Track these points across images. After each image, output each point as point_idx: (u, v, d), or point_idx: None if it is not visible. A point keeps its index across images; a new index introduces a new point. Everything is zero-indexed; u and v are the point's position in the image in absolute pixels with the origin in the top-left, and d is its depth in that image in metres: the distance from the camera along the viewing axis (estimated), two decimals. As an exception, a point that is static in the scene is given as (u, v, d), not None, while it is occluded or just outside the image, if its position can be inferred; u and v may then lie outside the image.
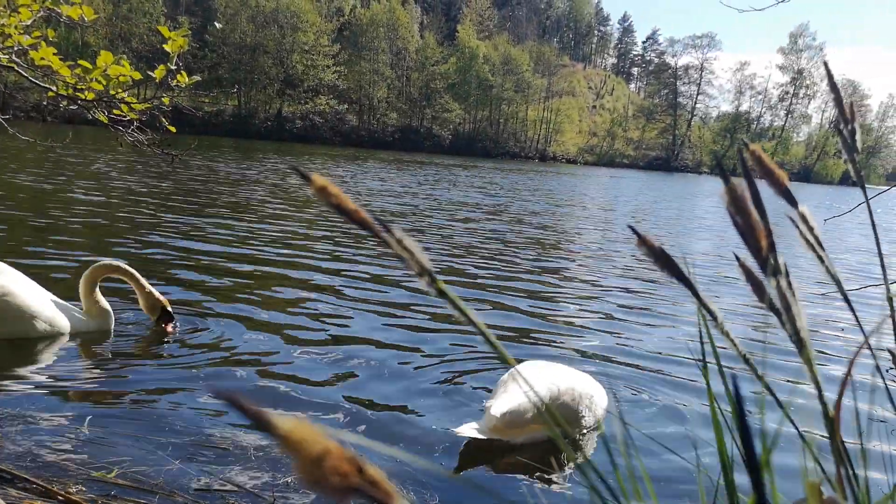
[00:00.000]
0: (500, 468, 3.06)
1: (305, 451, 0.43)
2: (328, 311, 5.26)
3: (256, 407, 0.43)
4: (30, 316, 3.98)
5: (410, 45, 78.17)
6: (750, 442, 0.61)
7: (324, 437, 0.44)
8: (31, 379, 3.54)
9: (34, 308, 4.01)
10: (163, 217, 9.47)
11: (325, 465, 0.43)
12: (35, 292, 4.09)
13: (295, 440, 0.43)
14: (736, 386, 0.63)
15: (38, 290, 4.13)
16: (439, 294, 0.71)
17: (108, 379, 3.63)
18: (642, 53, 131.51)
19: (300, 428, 0.43)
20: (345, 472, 0.43)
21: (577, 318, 5.72)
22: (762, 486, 0.62)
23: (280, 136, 62.59)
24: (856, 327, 5.87)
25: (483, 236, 10.49)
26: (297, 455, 0.43)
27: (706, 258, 10.48)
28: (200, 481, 2.63)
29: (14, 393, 3.32)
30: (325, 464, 0.43)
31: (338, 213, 0.66)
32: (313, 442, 0.43)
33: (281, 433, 0.43)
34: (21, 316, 3.96)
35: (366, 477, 0.45)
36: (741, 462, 0.79)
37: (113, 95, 3.26)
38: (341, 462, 0.44)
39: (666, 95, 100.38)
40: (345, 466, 0.44)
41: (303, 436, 0.43)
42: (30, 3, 3.16)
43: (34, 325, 4.00)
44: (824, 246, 0.87)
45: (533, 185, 27.70)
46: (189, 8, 72.15)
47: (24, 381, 3.50)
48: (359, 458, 0.45)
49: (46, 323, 4.04)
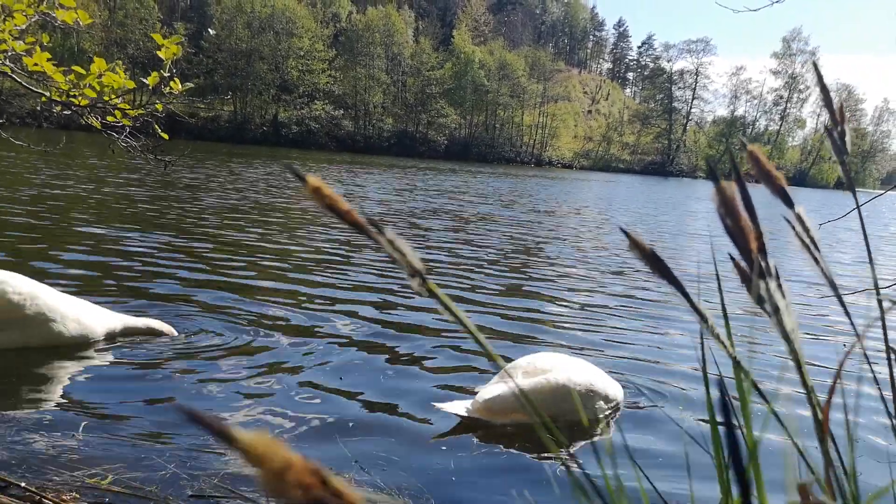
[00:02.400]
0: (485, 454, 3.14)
1: (268, 464, 0.43)
2: (328, 311, 5.25)
3: (217, 421, 0.44)
4: (60, 321, 3.99)
5: (406, 50, 78.29)
6: (734, 439, 0.61)
7: (285, 449, 0.44)
8: (23, 385, 3.53)
9: (63, 313, 4.02)
10: (159, 220, 9.46)
11: (288, 477, 0.43)
12: (62, 299, 4.10)
13: (256, 453, 0.43)
14: (721, 385, 0.63)
15: (64, 296, 4.14)
16: (430, 294, 0.71)
17: (100, 385, 3.62)
18: (637, 58, 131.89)
19: (261, 441, 0.43)
20: (307, 485, 0.44)
21: (570, 320, 5.72)
22: (748, 488, 0.62)
23: (276, 142, 62.59)
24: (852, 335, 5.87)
25: (476, 239, 10.50)
26: (259, 468, 0.43)
27: (701, 260, 10.50)
28: (195, 487, 2.62)
29: (6, 399, 3.31)
30: (287, 476, 0.43)
31: (331, 213, 0.66)
32: (274, 455, 0.43)
33: (241, 446, 0.43)
34: (50, 321, 3.96)
35: (329, 489, 0.45)
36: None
37: (106, 101, 3.26)
38: (304, 474, 0.44)
39: (661, 100, 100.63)
40: (307, 479, 0.44)
41: (264, 449, 0.43)
42: (24, 7, 3.15)
43: (63, 330, 4.01)
44: (823, 249, 0.87)
45: (528, 190, 27.73)
46: (185, 13, 72.33)
47: (16, 387, 3.48)
48: (322, 470, 0.45)
49: (77, 327, 4.06)
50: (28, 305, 3.92)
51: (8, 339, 3.92)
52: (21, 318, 3.92)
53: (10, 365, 3.75)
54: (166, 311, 4.94)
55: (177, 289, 5.70)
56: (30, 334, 3.96)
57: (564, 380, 3.35)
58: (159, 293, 5.50)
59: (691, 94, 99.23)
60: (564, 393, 3.32)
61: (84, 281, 5.64)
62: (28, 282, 4.02)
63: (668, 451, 3.31)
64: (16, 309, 3.89)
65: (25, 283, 3.98)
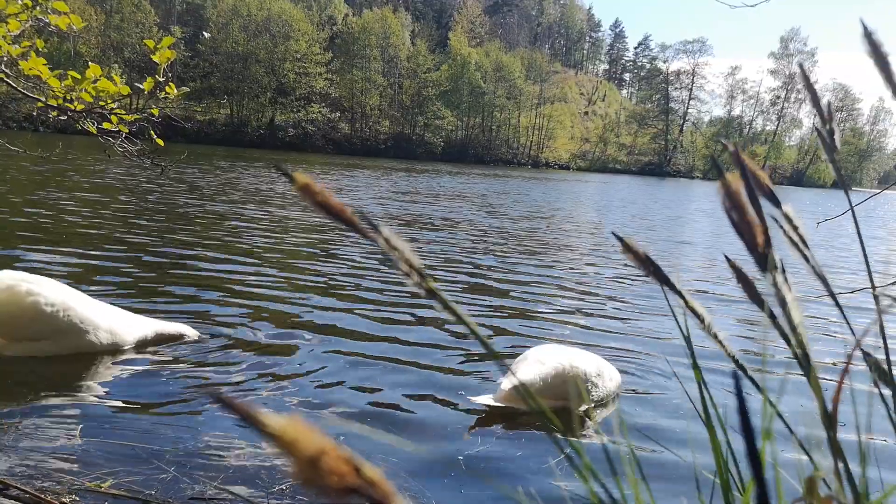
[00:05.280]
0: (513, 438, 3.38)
1: (300, 451, 0.41)
2: (331, 308, 5.25)
3: (247, 407, 0.42)
4: (92, 331, 3.98)
5: (402, 52, 78.28)
6: (751, 432, 0.60)
7: (319, 435, 0.42)
8: (23, 388, 3.52)
9: (96, 323, 4.00)
10: (156, 225, 9.45)
11: (321, 465, 0.42)
12: (94, 307, 4.08)
13: (288, 440, 0.41)
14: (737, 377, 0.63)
15: (96, 304, 4.13)
16: (428, 293, 0.69)
17: (99, 388, 3.61)
18: (634, 59, 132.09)
19: (293, 427, 0.42)
20: (342, 472, 0.42)
21: (571, 315, 5.72)
22: (763, 477, 0.62)
23: (273, 145, 62.51)
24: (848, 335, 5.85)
25: (473, 238, 10.50)
26: (291, 455, 0.41)
27: (698, 260, 10.51)
28: (195, 489, 2.61)
29: (6, 402, 3.30)
30: (321, 464, 0.41)
31: (322, 212, 0.64)
32: (308, 441, 0.42)
33: (273, 432, 0.41)
34: (83, 332, 3.95)
35: (364, 477, 0.43)
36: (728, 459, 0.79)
37: (102, 106, 3.25)
38: (338, 462, 0.42)
39: (658, 101, 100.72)
40: (342, 466, 0.42)
41: (296, 435, 0.41)
42: (18, 12, 3.15)
43: (95, 340, 4.00)
44: (821, 248, 0.88)
45: (523, 191, 27.74)
46: (181, 17, 72.21)
47: (16, 391, 3.47)
48: (356, 458, 0.43)
49: (108, 336, 4.05)
50: (61, 316, 3.88)
51: (40, 348, 3.89)
52: (54, 329, 3.87)
53: (8, 370, 3.74)
54: (182, 313, 4.93)
55: (191, 291, 5.74)
56: (62, 345, 3.92)
57: (571, 364, 3.67)
58: (176, 296, 5.51)
59: (688, 95, 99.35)
60: (575, 376, 3.64)
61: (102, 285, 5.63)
62: (60, 290, 3.97)
63: (670, 426, 3.53)
64: (49, 320, 3.84)
65: (58, 292, 3.93)
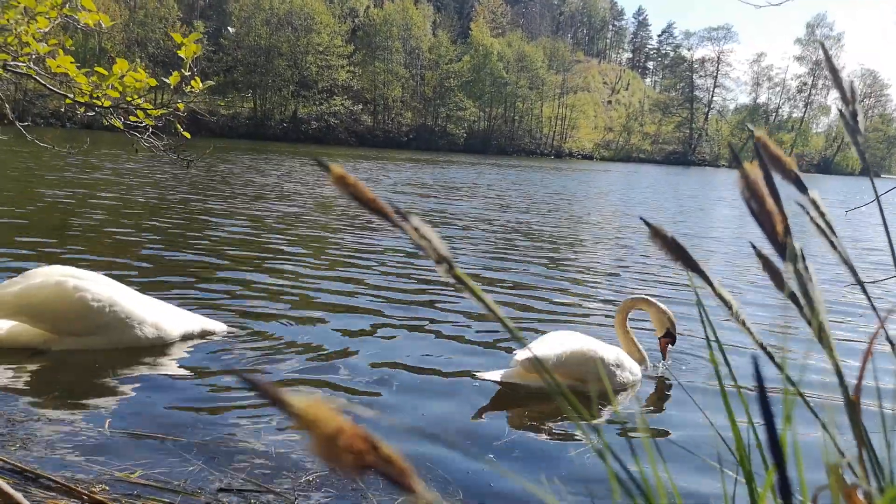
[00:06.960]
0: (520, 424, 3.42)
1: (320, 429, 0.44)
2: (359, 308, 5.29)
3: (271, 385, 0.44)
4: (138, 326, 4.07)
5: (424, 43, 78.10)
6: (771, 419, 0.60)
7: (338, 415, 0.44)
8: (52, 381, 3.59)
9: (141, 318, 4.09)
10: (195, 220, 9.56)
11: (340, 443, 0.44)
12: (141, 303, 4.18)
13: (309, 418, 0.44)
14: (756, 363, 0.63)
15: (143, 300, 4.23)
16: (457, 280, 0.71)
17: (131, 381, 3.67)
18: (658, 47, 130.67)
19: (314, 406, 0.44)
20: (359, 450, 0.44)
21: (595, 305, 5.70)
22: (783, 462, 0.62)
23: (296, 138, 62.78)
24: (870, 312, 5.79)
25: (499, 229, 10.49)
26: (311, 433, 0.44)
27: (726, 249, 10.41)
28: (223, 481, 2.65)
29: (37, 394, 3.37)
30: (339, 442, 0.44)
31: (355, 201, 0.67)
32: (327, 420, 0.44)
33: (295, 411, 0.44)
34: (129, 328, 4.03)
35: (380, 454, 0.46)
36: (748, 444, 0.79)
37: (129, 102, 3.30)
38: (355, 440, 0.44)
39: (682, 89, 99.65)
40: (359, 444, 0.44)
41: (317, 414, 0.44)
42: (47, 10, 3.20)
43: (141, 335, 4.08)
44: (850, 238, 0.87)
45: (545, 182, 27.62)
46: (204, 12, 72.69)
47: (46, 383, 3.55)
48: (373, 436, 0.45)
49: (154, 332, 4.14)
50: (107, 312, 3.97)
51: (88, 343, 3.99)
52: (101, 324, 3.97)
53: (48, 363, 3.81)
54: (207, 306, 4.99)
55: (220, 287, 5.80)
56: (109, 339, 4.02)
57: (591, 347, 3.68)
58: (200, 289, 5.60)
59: (713, 83, 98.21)
60: (591, 356, 3.62)
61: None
62: (108, 286, 4.07)
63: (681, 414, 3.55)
64: (96, 316, 3.94)
65: (105, 288, 4.03)
